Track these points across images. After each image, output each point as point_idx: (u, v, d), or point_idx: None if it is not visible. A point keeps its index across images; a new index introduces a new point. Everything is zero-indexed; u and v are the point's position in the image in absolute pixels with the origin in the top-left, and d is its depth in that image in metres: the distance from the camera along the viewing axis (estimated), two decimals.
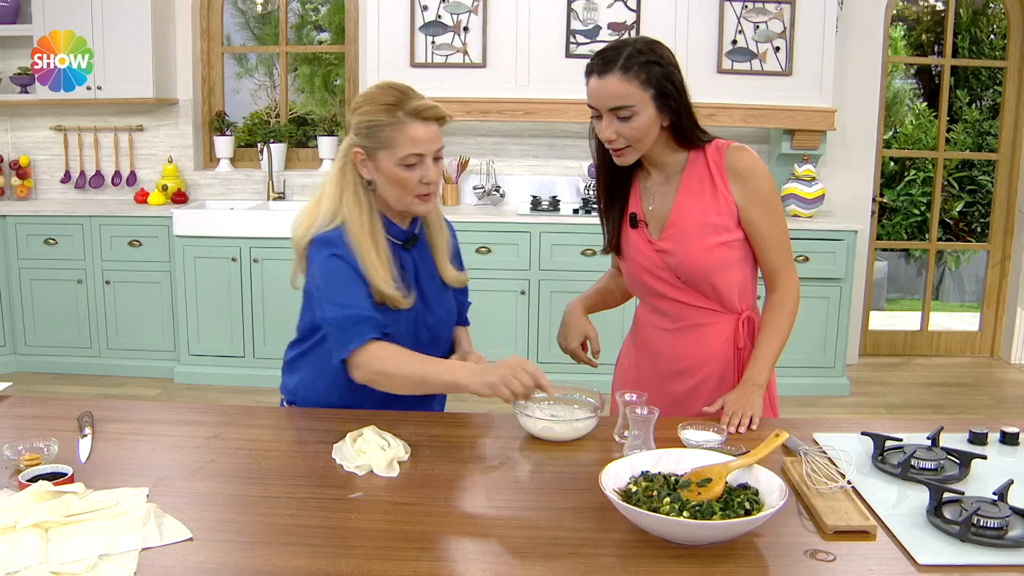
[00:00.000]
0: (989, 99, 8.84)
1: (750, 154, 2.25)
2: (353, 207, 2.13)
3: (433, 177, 2.12)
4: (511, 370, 1.91)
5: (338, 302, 2.06)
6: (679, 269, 2.27)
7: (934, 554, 1.53)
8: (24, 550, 1.48)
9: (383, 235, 2.15)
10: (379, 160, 2.10)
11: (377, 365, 2.02)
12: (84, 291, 5.72)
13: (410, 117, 2.07)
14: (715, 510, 1.57)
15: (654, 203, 2.32)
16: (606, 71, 2.13)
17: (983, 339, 6.63)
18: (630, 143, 2.17)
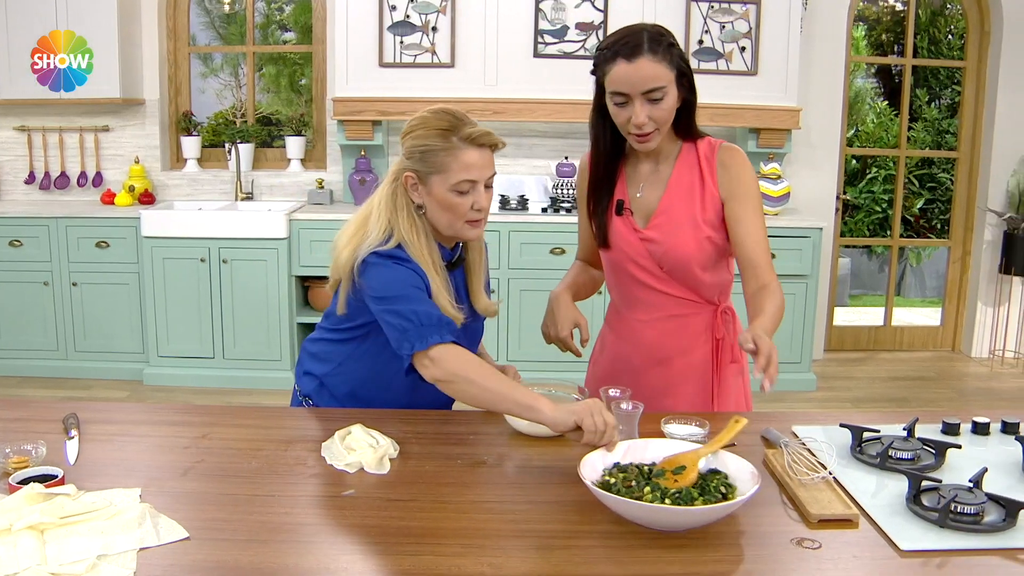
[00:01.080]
0: (947, 98, 8.99)
1: (741, 154, 2.28)
2: (410, 231, 2.10)
3: (484, 204, 2.10)
4: (590, 408, 1.84)
5: (418, 298, 2.02)
6: (663, 259, 2.28)
7: (915, 540, 1.58)
8: (21, 552, 1.48)
9: (439, 257, 2.14)
10: (431, 185, 2.08)
11: (459, 366, 1.96)
12: (51, 293, 5.66)
13: (464, 143, 2.05)
14: (694, 496, 1.63)
15: (643, 191, 2.32)
16: (635, 55, 2.10)
17: (944, 334, 6.76)
18: (659, 126, 2.16)
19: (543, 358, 5.29)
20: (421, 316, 1.98)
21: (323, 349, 2.32)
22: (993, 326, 6.45)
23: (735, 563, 1.52)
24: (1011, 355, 6.39)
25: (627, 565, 1.50)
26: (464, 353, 1.99)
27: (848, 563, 1.52)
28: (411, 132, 2.10)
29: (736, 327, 2.37)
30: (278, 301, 5.53)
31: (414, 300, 2.01)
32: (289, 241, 5.48)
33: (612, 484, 1.68)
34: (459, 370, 1.95)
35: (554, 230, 5.52)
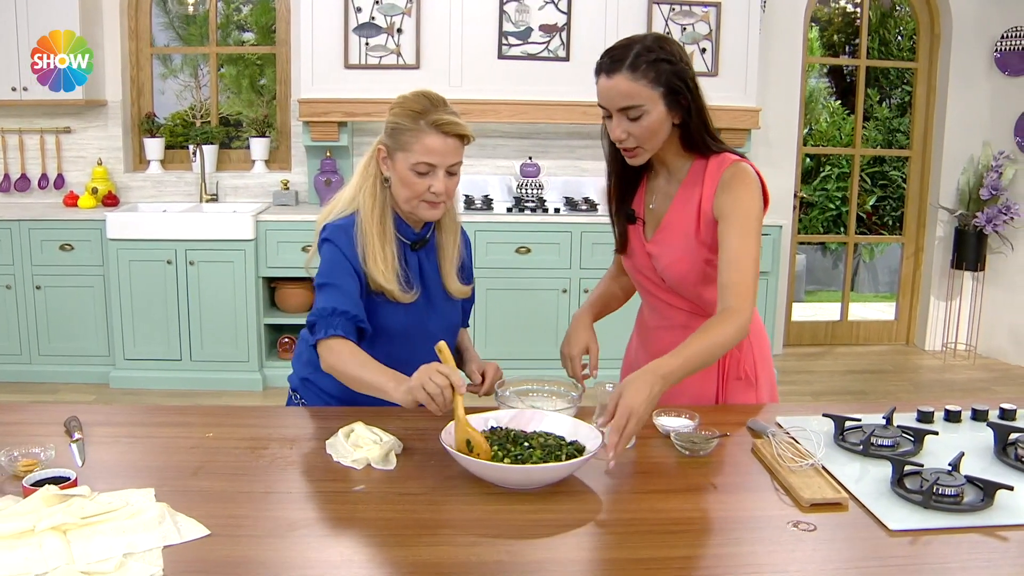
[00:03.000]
0: (897, 97, 9.22)
1: (748, 176, 2.20)
2: (368, 198, 2.23)
3: (441, 188, 2.19)
4: (423, 374, 1.95)
5: (325, 294, 2.17)
6: (664, 273, 2.30)
7: (901, 520, 1.69)
8: (48, 552, 1.51)
9: (392, 230, 2.24)
10: (396, 160, 2.19)
11: (331, 359, 2.13)
12: (13, 296, 5.60)
13: (430, 128, 2.15)
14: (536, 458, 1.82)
15: (655, 203, 2.33)
16: (614, 71, 2.11)
17: (899, 328, 6.95)
18: (640, 143, 2.15)
19: (511, 356, 5.38)
20: (321, 311, 2.16)
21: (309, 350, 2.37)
22: (945, 320, 6.64)
23: (737, 545, 1.60)
24: (963, 348, 6.58)
25: (636, 549, 1.58)
26: (338, 346, 2.13)
27: (842, 543, 1.61)
28: (392, 109, 2.21)
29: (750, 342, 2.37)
30: (245, 303, 5.54)
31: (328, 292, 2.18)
32: (256, 242, 5.49)
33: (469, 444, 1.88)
34: (333, 363, 2.13)
35: (518, 229, 5.59)
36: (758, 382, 2.42)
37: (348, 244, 2.20)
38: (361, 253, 2.19)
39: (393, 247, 2.23)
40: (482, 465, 1.79)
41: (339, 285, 2.18)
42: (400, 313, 2.26)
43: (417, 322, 2.29)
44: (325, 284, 2.19)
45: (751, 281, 2.14)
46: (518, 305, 5.46)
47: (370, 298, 2.23)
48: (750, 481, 1.88)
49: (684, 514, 1.73)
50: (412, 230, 2.30)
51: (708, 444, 2.00)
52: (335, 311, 2.15)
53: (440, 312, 2.35)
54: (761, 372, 2.43)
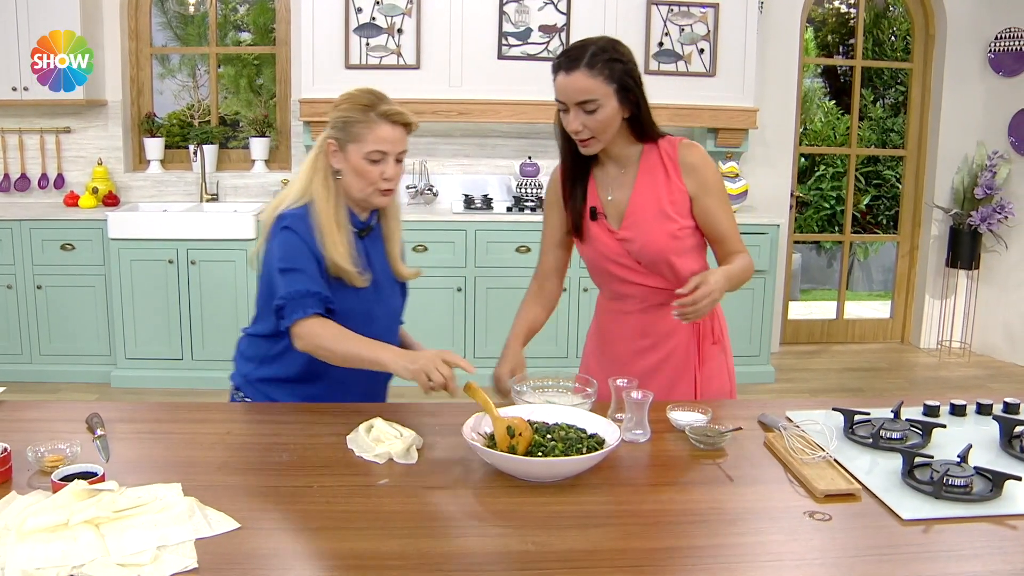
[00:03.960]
0: (891, 97, 9.28)
1: (700, 150, 2.46)
2: (322, 190, 2.34)
3: (392, 174, 2.33)
4: (432, 361, 2.07)
5: (291, 278, 2.27)
6: (640, 255, 2.45)
7: (914, 510, 1.74)
8: (83, 545, 1.54)
9: (346, 218, 2.37)
10: (349, 152, 2.31)
11: (312, 340, 2.23)
12: (14, 296, 5.61)
13: (381, 118, 2.29)
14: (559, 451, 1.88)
15: (612, 194, 2.48)
16: (573, 68, 2.27)
17: (894, 326, 7.01)
18: (594, 134, 2.33)
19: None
20: (292, 294, 2.24)
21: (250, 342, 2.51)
22: (940, 318, 6.70)
23: (757, 535, 1.65)
24: (957, 346, 6.64)
25: (659, 539, 1.63)
26: (317, 325, 2.23)
27: (858, 532, 1.66)
28: (339, 105, 2.34)
29: (716, 310, 2.58)
30: (247, 302, 5.55)
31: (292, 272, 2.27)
32: (257, 242, 5.49)
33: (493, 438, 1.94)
34: (318, 342, 2.22)
35: (518, 229, 5.62)
36: (726, 348, 2.67)
37: (307, 231, 2.31)
38: (320, 239, 2.30)
39: (349, 234, 2.36)
40: (506, 458, 1.83)
41: (304, 268, 2.28)
42: (352, 297, 2.36)
43: (365, 306, 2.41)
44: (290, 269, 2.28)
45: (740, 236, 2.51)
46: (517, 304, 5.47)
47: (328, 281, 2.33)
48: (764, 473, 1.93)
49: (703, 505, 1.77)
50: (359, 219, 2.43)
51: (723, 438, 2.05)
52: (307, 292, 2.25)
53: (386, 297, 2.50)
54: (727, 340, 2.68)
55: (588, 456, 1.84)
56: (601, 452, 1.85)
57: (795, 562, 1.55)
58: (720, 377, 2.62)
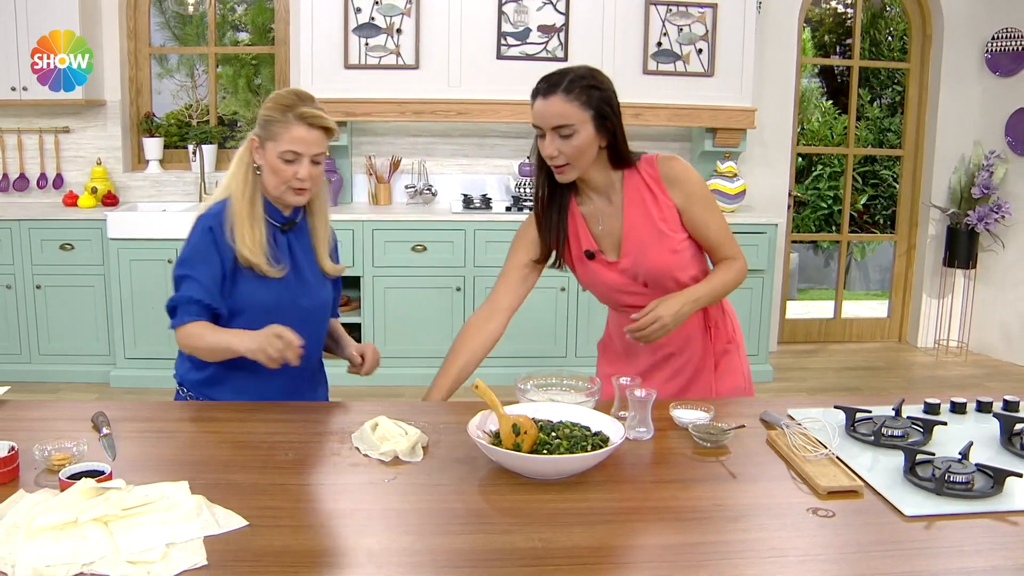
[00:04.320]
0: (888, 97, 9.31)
1: (680, 162, 2.46)
2: (240, 184, 2.42)
3: (304, 175, 2.37)
4: (266, 338, 2.21)
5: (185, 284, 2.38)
6: (645, 278, 2.47)
7: (916, 506, 1.76)
8: (92, 543, 1.55)
9: (261, 211, 2.42)
10: (267, 150, 2.38)
11: (186, 341, 2.38)
12: (14, 296, 5.62)
13: (297, 120, 2.33)
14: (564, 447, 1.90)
15: (603, 224, 2.50)
16: (551, 93, 2.30)
17: (891, 325, 7.03)
18: (569, 160, 2.34)
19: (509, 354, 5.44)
20: (178, 299, 2.38)
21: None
22: (938, 317, 6.73)
23: (761, 531, 1.66)
24: (955, 345, 6.66)
25: (664, 536, 1.64)
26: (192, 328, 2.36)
27: (861, 528, 1.67)
28: (265, 103, 2.41)
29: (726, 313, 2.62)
30: None
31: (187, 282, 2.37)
32: None
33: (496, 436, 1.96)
34: (187, 343, 2.39)
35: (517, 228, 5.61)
36: (739, 348, 2.67)
37: (219, 227, 2.38)
38: (230, 232, 2.37)
39: (262, 227, 2.41)
40: (511, 456, 1.84)
41: (196, 276, 2.37)
42: (271, 288, 2.42)
43: (288, 298, 2.45)
44: (184, 275, 2.39)
45: (733, 236, 2.52)
46: None
47: (240, 274, 2.40)
48: (767, 471, 1.95)
49: (707, 502, 1.79)
50: (281, 214, 2.48)
51: (725, 435, 2.06)
52: (191, 299, 2.36)
53: (312, 290, 2.52)
54: (740, 339, 2.69)
55: (593, 454, 1.85)
56: (606, 450, 1.87)
57: (799, 558, 1.57)
58: (735, 376, 2.63)
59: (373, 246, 5.55)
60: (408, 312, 5.64)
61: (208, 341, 2.34)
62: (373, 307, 5.62)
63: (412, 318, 5.64)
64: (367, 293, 5.61)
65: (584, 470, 1.88)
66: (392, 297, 5.61)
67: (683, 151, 6.28)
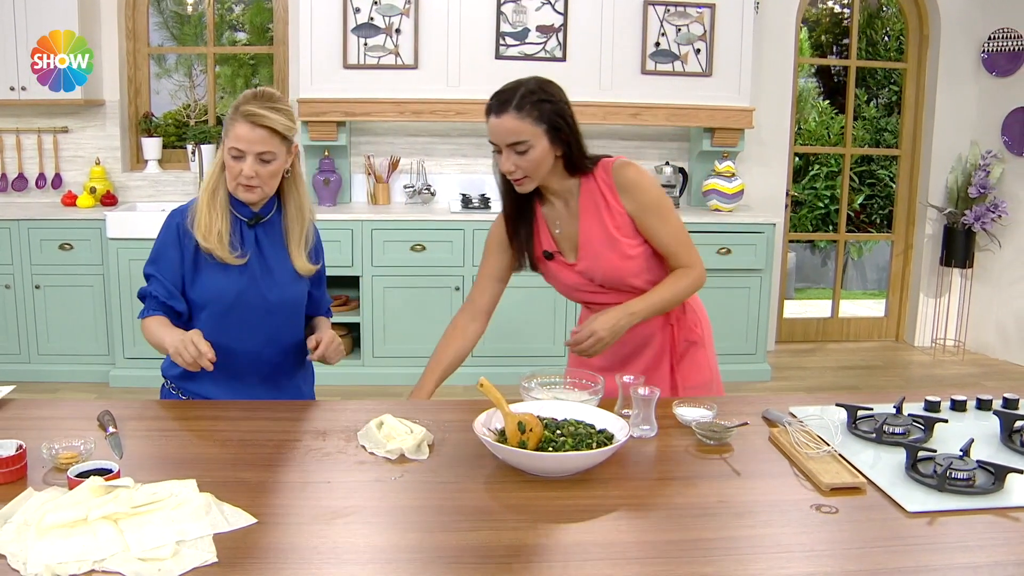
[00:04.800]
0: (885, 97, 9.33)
1: (635, 168, 2.49)
2: (208, 178, 2.50)
3: (249, 172, 2.39)
4: (182, 341, 2.27)
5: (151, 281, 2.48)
6: (601, 281, 2.54)
7: (919, 503, 1.77)
8: (103, 540, 1.56)
9: (225, 202, 2.48)
10: (223, 146, 2.43)
11: (145, 335, 2.47)
12: (12, 296, 5.62)
13: (240, 117, 2.37)
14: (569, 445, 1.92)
15: (560, 227, 2.57)
16: (502, 111, 2.34)
17: (888, 324, 7.05)
18: (527, 173, 2.39)
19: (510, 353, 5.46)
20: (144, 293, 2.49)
21: None
22: (935, 316, 6.75)
23: (765, 527, 1.68)
24: (951, 344, 6.69)
25: (669, 532, 1.65)
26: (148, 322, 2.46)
27: (864, 524, 1.69)
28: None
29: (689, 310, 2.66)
30: None
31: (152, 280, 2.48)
32: None
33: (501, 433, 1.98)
34: (145, 336, 2.47)
35: None
36: (706, 343, 2.70)
37: (183, 220, 2.47)
38: (191, 220, 2.45)
39: (223, 216, 2.46)
40: (517, 454, 1.86)
41: (158, 275, 2.47)
42: (234, 279, 2.48)
43: (254, 290, 2.50)
44: (149, 274, 2.49)
45: (689, 244, 2.53)
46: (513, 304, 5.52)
47: (203, 265, 2.46)
48: (770, 468, 1.96)
49: (711, 498, 1.80)
50: (248, 208, 2.51)
51: (729, 433, 2.08)
52: (150, 294, 2.48)
53: (280, 285, 2.54)
54: (706, 334, 2.72)
55: (598, 451, 1.87)
56: (611, 447, 1.88)
57: (804, 553, 1.58)
58: (701, 372, 2.66)
59: (372, 246, 5.56)
60: (407, 311, 5.65)
61: (154, 336, 2.42)
62: (372, 306, 5.63)
63: (411, 317, 5.65)
64: (366, 293, 5.62)
65: (589, 467, 1.89)
66: (391, 297, 5.62)
67: (681, 151, 6.30)
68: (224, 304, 2.45)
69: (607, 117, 5.81)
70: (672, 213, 2.52)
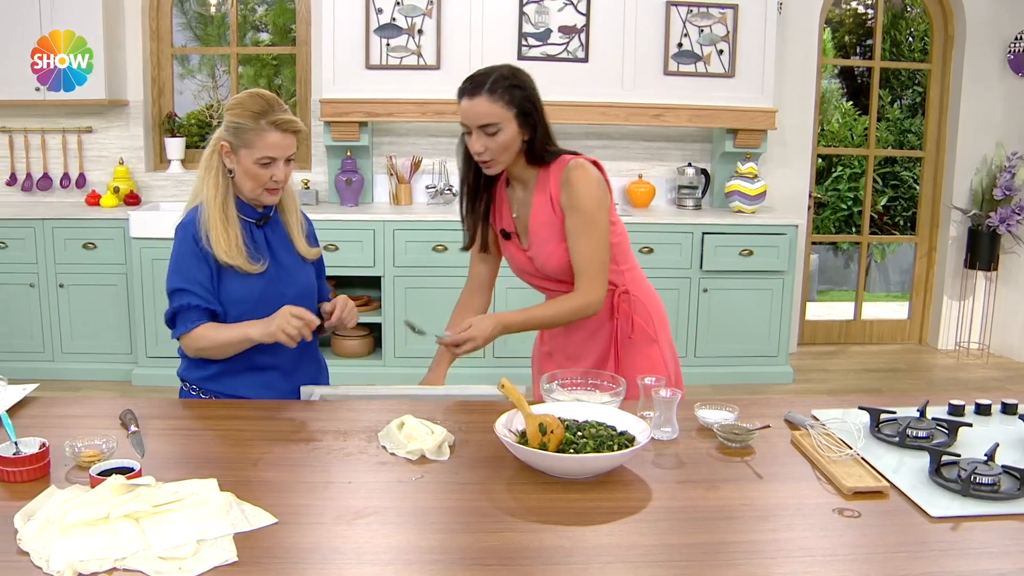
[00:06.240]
0: (909, 98, 9.27)
1: (584, 171, 2.52)
2: (211, 189, 2.46)
3: (281, 177, 2.45)
4: (284, 319, 2.30)
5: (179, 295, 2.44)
6: (544, 270, 2.63)
7: (943, 508, 1.76)
8: (124, 539, 1.57)
9: (235, 213, 2.48)
10: (240, 156, 2.42)
11: (196, 344, 2.45)
12: (36, 295, 5.66)
13: (271, 127, 2.39)
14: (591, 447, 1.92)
15: (518, 212, 2.65)
16: (476, 93, 2.44)
17: (912, 327, 7.00)
18: (495, 156, 2.47)
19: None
20: (176, 309, 2.44)
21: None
22: (959, 319, 6.69)
23: (788, 531, 1.67)
24: (976, 347, 6.63)
25: (691, 535, 1.65)
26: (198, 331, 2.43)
27: (887, 529, 1.68)
28: (231, 109, 2.43)
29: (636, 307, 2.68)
30: None
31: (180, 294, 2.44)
32: None
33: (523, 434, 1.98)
34: (199, 346, 2.45)
35: None
36: (659, 338, 2.72)
37: (196, 234, 2.44)
38: (205, 236, 2.42)
39: (237, 228, 2.47)
40: (538, 455, 1.85)
41: (189, 285, 2.43)
42: (254, 283, 2.49)
43: (273, 290, 2.51)
44: (177, 288, 2.45)
45: (598, 268, 2.53)
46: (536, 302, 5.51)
47: (224, 273, 2.46)
48: (792, 471, 1.95)
49: (733, 501, 1.79)
50: (254, 210, 2.54)
51: (750, 435, 2.07)
52: (189, 306, 2.43)
53: (294, 277, 2.58)
54: (660, 330, 2.73)
55: (619, 453, 1.86)
56: (632, 449, 1.87)
57: (827, 558, 1.57)
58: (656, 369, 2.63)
59: (394, 246, 5.57)
60: (430, 310, 5.64)
61: (223, 338, 2.41)
62: (394, 307, 5.63)
63: (434, 316, 5.63)
64: (388, 293, 5.62)
65: (610, 469, 1.89)
66: (413, 297, 5.62)
67: (704, 152, 6.28)
68: (247, 307, 2.47)
69: (629, 118, 5.79)
70: (598, 232, 2.52)
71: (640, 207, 6.09)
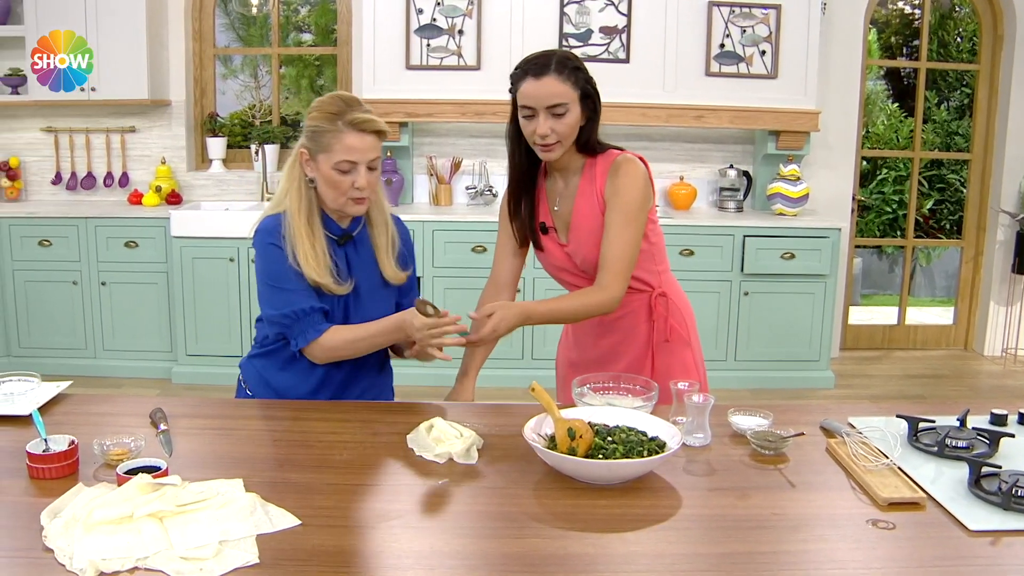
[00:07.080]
0: (956, 100, 9.11)
1: (635, 166, 2.46)
2: (295, 200, 2.35)
3: (363, 183, 2.30)
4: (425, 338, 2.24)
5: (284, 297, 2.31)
6: (584, 267, 2.53)
7: (982, 521, 1.70)
8: (147, 538, 1.56)
9: (320, 228, 2.37)
10: (319, 162, 2.30)
11: (331, 352, 2.34)
12: (79, 292, 5.74)
13: (348, 127, 2.26)
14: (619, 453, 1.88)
15: (559, 205, 2.55)
16: (543, 73, 2.33)
17: (957, 332, 6.87)
18: (560, 138, 2.38)
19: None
20: (297, 312, 2.30)
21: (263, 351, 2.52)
22: (1006, 325, 6.55)
23: (820, 542, 1.63)
24: (1023, 353, 6.49)
25: (721, 544, 1.61)
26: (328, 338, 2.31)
27: (923, 542, 1.62)
28: (310, 112, 2.34)
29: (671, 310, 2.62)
30: None
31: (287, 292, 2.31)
32: None
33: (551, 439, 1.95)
34: (335, 347, 2.33)
35: None
36: (691, 342, 2.67)
37: (279, 241, 2.33)
38: (291, 252, 2.31)
39: (323, 243, 2.36)
40: (566, 460, 1.83)
41: (293, 287, 2.32)
42: (333, 305, 2.38)
43: (345, 311, 2.41)
44: (280, 288, 2.32)
45: (626, 264, 2.44)
46: None
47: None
48: (827, 480, 1.90)
49: (764, 510, 1.75)
50: (338, 226, 2.42)
51: (784, 443, 2.02)
52: (303, 312, 2.31)
53: (375, 300, 2.46)
54: (692, 332, 2.68)
55: (649, 459, 1.83)
56: (662, 455, 1.84)
57: (859, 570, 1.53)
58: (688, 374, 2.59)
59: (433, 247, 5.57)
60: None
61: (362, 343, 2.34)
62: None
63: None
64: (427, 294, 5.62)
65: (640, 475, 1.85)
66: (452, 298, 5.61)
67: (746, 154, 6.20)
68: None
69: (670, 119, 5.74)
70: (635, 229, 2.44)
71: (681, 209, 6.04)
